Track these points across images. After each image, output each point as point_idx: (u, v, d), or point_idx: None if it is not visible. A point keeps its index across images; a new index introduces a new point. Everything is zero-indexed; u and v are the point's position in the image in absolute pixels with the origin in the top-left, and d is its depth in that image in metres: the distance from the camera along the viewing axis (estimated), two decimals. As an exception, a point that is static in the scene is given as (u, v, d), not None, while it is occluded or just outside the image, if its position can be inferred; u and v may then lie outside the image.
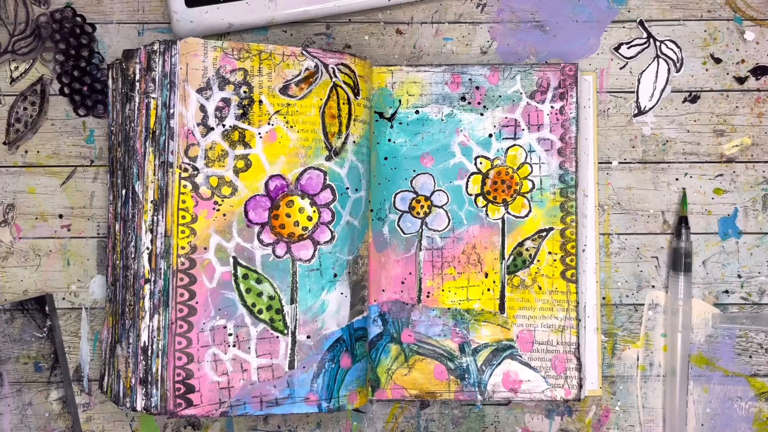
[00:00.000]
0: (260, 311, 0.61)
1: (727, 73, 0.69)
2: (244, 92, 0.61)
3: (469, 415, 0.68)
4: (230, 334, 0.61)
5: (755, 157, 0.69)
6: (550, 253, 0.67)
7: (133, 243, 0.62)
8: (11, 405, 0.67)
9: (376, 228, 0.67)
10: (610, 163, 0.69)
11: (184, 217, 0.61)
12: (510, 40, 0.70)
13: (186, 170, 0.61)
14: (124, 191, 0.63)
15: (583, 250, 0.68)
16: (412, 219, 0.68)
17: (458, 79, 0.68)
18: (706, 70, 0.69)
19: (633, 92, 0.69)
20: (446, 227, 0.68)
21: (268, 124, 0.62)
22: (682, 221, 0.68)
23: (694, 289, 0.69)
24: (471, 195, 0.67)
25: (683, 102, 0.69)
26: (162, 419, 0.68)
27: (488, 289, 0.67)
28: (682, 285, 0.67)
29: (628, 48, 0.69)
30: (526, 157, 0.67)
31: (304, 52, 0.62)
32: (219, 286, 0.61)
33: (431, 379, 0.67)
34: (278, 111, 0.62)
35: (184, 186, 0.61)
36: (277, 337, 0.61)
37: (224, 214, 0.61)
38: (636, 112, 0.69)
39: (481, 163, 0.68)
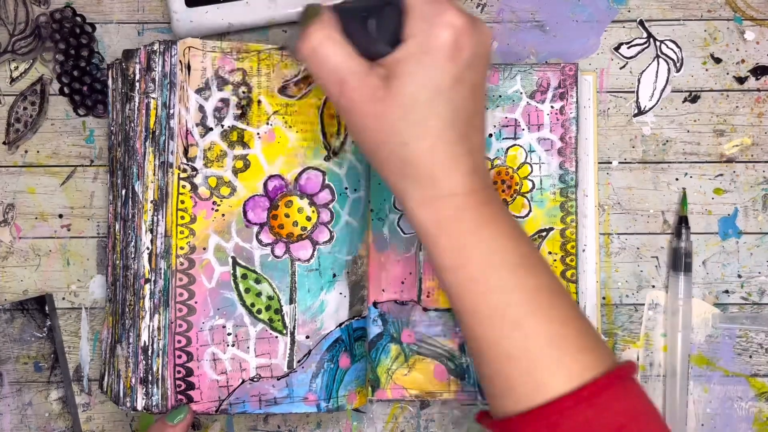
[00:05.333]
0: (259, 311, 0.61)
1: (727, 73, 0.69)
2: (243, 92, 0.61)
3: (469, 416, 0.68)
4: (229, 334, 0.61)
5: (755, 157, 0.69)
6: (550, 253, 0.67)
7: (133, 243, 0.62)
8: (11, 405, 0.67)
9: (376, 228, 0.67)
10: (610, 163, 0.69)
11: (183, 218, 0.61)
12: (510, 40, 0.70)
13: (185, 170, 0.61)
14: (124, 191, 0.63)
15: (583, 250, 0.68)
16: (412, 219, 0.68)
17: (458, 79, 0.67)
18: (706, 70, 0.69)
19: (633, 92, 0.69)
20: (446, 227, 0.67)
21: (267, 124, 0.62)
22: (682, 221, 0.68)
23: (694, 289, 0.68)
24: (471, 195, 0.67)
25: (683, 102, 0.69)
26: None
27: (488, 289, 0.67)
28: (682, 285, 0.67)
29: (628, 48, 0.69)
30: (526, 157, 0.67)
31: (303, 52, 0.62)
32: (218, 286, 0.61)
33: (431, 379, 0.67)
34: (277, 111, 0.62)
35: (183, 186, 0.61)
36: (276, 337, 0.61)
37: (223, 215, 0.61)
38: (636, 112, 0.69)
39: (481, 163, 0.67)
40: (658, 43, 0.69)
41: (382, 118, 0.51)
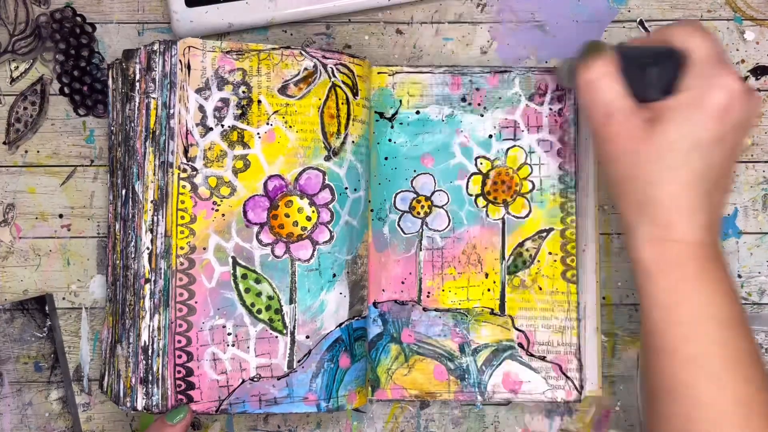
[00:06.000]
0: (259, 311, 0.61)
1: (728, 73, 0.69)
2: (243, 92, 0.61)
3: (469, 416, 0.68)
4: (229, 334, 0.61)
5: (755, 157, 0.69)
6: (550, 253, 0.67)
7: (133, 243, 0.62)
8: (11, 405, 0.67)
9: (377, 228, 0.67)
10: (611, 163, 0.69)
11: (183, 218, 0.61)
12: (510, 40, 0.70)
13: (185, 170, 0.61)
14: (124, 191, 0.63)
15: (584, 251, 0.68)
16: (412, 219, 0.68)
17: (458, 80, 0.68)
18: (707, 70, 0.69)
19: (633, 92, 0.69)
20: (446, 227, 0.68)
21: (267, 124, 0.62)
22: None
23: (694, 290, 0.68)
24: (471, 195, 0.67)
25: (683, 102, 0.69)
26: (162, 419, 0.68)
27: (488, 290, 0.67)
28: (682, 285, 0.67)
29: (629, 48, 0.69)
30: (526, 158, 0.67)
31: (302, 51, 0.62)
32: (218, 286, 0.61)
33: (431, 379, 0.67)
34: (277, 111, 0.62)
35: (183, 186, 0.61)
36: (276, 336, 0.61)
37: (223, 215, 0.61)
38: (636, 112, 0.69)
39: (481, 163, 0.68)
40: (658, 44, 0.69)
41: (636, 156, 0.55)
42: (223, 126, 0.61)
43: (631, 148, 0.54)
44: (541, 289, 0.67)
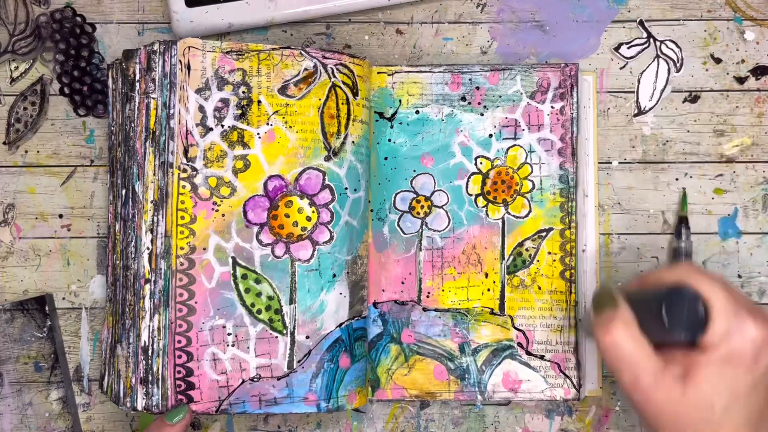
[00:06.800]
0: (259, 311, 0.61)
1: (727, 73, 0.69)
2: (243, 92, 0.61)
3: (469, 415, 0.68)
4: (229, 334, 0.61)
5: (755, 157, 0.69)
6: (549, 253, 0.67)
7: (133, 243, 0.62)
8: (11, 405, 0.67)
9: (376, 228, 0.67)
10: (610, 163, 0.69)
11: (183, 218, 0.61)
12: (510, 40, 0.70)
13: (185, 171, 0.61)
14: (124, 191, 0.63)
15: (584, 250, 0.68)
16: (412, 219, 0.68)
17: (458, 79, 0.68)
18: (706, 70, 0.69)
19: (633, 92, 0.69)
20: (446, 227, 0.68)
21: (267, 124, 0.62)
22: (682, 221, 0.68)
23: (694, 290, 0.68)
24: (471, 195, 0.67)
25: (683, 102, 0.69)
26: (162, 419, 0.68)
27: (488, 289, 0.67)
28: (682, 285, 0.67)
29: (628, 48, 0.69)
30: (526, 158, 0.67)
31: (302, 52, 0.62)
32: (218, 286, 0.61)
33: (431, 379, 0.67)
34: (277, 111, 0.62)
35: (183, 186, 0.61)
36: (276, 337, 0.62)
37: (223, 215, 0.61)
38: (636, 112, 0.69)
39: (481, 163, 0.67)
40: (658, 43, 0.69)
41: (676, 417, 0.54)
42: (223, 126, 0.61)
43: (668, 410, 0.54)
44: (540, 288, 0.67)
